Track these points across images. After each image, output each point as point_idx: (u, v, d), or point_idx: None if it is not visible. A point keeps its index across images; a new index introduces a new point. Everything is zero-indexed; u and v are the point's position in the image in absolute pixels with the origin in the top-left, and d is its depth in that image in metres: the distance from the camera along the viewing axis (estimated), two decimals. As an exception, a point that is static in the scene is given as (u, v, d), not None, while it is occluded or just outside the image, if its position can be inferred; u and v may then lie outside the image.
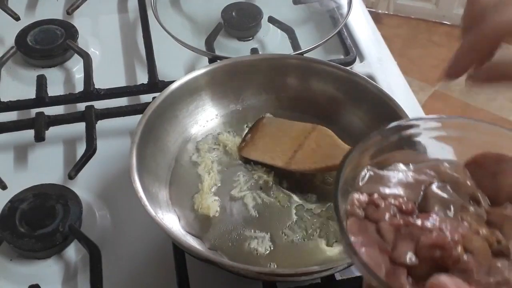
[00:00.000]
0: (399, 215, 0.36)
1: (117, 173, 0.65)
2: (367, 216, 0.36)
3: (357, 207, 0.36)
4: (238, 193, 0.62)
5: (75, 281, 0.56)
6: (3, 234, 0.57)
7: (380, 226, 0.35)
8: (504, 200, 0.38)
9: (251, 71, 0.69)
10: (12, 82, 0.77)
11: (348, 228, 0.35)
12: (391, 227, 0.35)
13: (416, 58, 2.17)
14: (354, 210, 0.36)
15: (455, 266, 0.33)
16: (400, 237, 0.34)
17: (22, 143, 0.69)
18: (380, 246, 0.34)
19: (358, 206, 0.36)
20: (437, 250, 0.33)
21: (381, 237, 0.35)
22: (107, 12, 0.89)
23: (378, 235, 0.35)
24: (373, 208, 0.36)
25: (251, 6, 0.86)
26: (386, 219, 0.35)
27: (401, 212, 0.36)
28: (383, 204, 0.36)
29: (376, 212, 0.36)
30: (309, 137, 0.63)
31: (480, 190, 0.38)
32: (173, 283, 0.54)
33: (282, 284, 0.55)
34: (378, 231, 0.35)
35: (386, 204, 0.36)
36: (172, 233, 0.52)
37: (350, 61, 0.78)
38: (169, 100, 0.64)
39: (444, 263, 0.33)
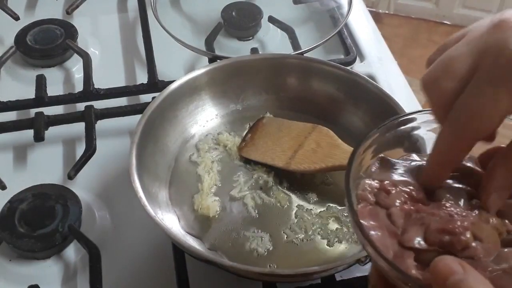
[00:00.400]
0: (410, 202, 0.36)
1: (117, 173, 0.65)
2: (378, 202, 0.36)
3: (369, 193, 0.37)
4: (238, 193, 0.62)
5: (74, 281, 0.56)
6: (2, 234, 0.57)
7: (391, 212, 0.35)
8: None
9: (251, 71, 0.69)
10: (12, 82, 0.77)
11: (360, 212, 0.35)
12: (402, 213, 0.35)
13: (417, 58, 2.16)
14: (365, 195, 0.37)
15: (463, 252, 0.33)
16: (410, 222, 0.35)
17: (22, 143, 0.69)
18: (390, 230, 0.35)
19: (369, 191, 0.37)
20: (446, 235, 0.33)
21: (391, 222, 0.35)
22: (106, 12, 0.89)
23: (389, 220, 0.35)
24: (384, 194, 0.37)
25: (251, 6, 0.86)
26: (396, 205, 0.36)
27: (412, 199, 0.37)
28: (394, 191, 0.37)
29: (387, 198, 0.36)
30: (309, 137, 0.63)
31: None
32: (173, 283, 0.54)
33: (282, 285, 0.54)
34: (389, 216, 0.35)
35: (397, 191, 0.37)
36: (172, 233, 0.52)
37: (350, 61, 0.78)
38: (169, 100, 0.64)
39: (453, 249, 0.33)
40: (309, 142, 0.63)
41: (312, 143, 0.63)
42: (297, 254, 0.57)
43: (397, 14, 2.37)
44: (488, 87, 0.33)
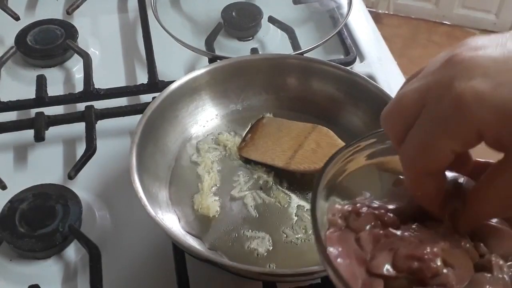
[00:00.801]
0: (380, 226, 0.35)
1: (117, 173, 0.65)
2: (348, 225, 0.35)
3: (339, 217, 0.35)
4: (238, 193, 0.62)
5: (75, 281, 0.56)
6: (3, 234, 0.57)
7: (359, 236, 0.34)
8: None
9: (251, 71, 0.69)
10: (12, 82, 0.77)
11: (328, 238, 0.34)
12: (370, 237, 0.34)
13: (416, 58, 2.16)
14: (334, 220, 0.35)
15: (434, 279, 0.32)
16: (379, 247, 0.33)
17: (22, 143, 0.69)
18: (358, 256, 0.33)
19: (340, 216, 0.36)
20: (415, 261, 0.32)
21: (360, 247, 0.34)
22: (107, 12, 0.89)
23: (357, 245, 0.34)
24: (354, 217, 0.35)
25: (251, 6, 0.86)
26: (366, 229, 0.34)
27: (383, 223, 0.35)
28: (365, 213, 0.35)
29: (356, 221, 0.35)
30: (309, 137, 0.63)
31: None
32: (173, 283, 0.54)
33: (282, 284, 0.54)
34: (357, 241, 0.34)
35: (368, 213, 0.35)
36: (172, 233, 0.52)
37: (350, 61, 0.78)
38: (169, 100, 0.64)
39: (423, 276, 0.32)
40: (309, 142, 0.63)
41: (312, 143, 0.63)
42: (297, 254, 0.57)
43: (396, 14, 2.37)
44: (431, 127, 0.32)
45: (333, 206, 0.36)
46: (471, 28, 2.29)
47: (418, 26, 2.34)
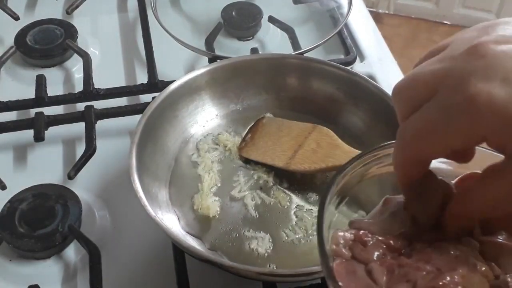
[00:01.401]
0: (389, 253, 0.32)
1: (117, 173, 0.65)
2: (355, 256, 0.32)
3: (343, 246, 0.33)
4: (238, 193, 0.62)
5: (74, 281, 0.56)
6: (2, 234, 0.57)
7: (371, 268, 0.31)
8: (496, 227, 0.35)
9: (251, 71, 0.69)
10: (12, 82, 0.77)
11: (335, 272, 0.31)
12: (383, 268, 0.31)
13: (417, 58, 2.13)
14: (339, 251, 0.32)
15: None
16: (394, 279, 0.31)
17: (22, 143, 0.69)
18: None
19: (343, 244, 0.33)
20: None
21: (373, 281, 0.31)
22: (106, 12, 0.89)
23: (369, 278, 0.31)
24: (361, 247, 0.32)
25: (251, 5, 0.86)
26: (375, 259, 0.32)
27: (391, 250, 0.33)
28: (371, 241, 0.33)
29: (364, 251, 0.32)
30: (309, 137, 0.63)
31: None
32: (173, 283, 0.54)
33: (282, 285, 0.54)
34: (369, 273, 0.31)
35: (375, 241, 0.33)
36: (172, 233, 0.52)
37: (350, 61, 0.78)
38: (169, 100, 0.64)
39: None
40: (309, 142, 0.63)
41: (312, 143, 0.63)
42: (297, 254, 0.57)
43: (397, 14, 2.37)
44: (437, 116, 0.31)
45: (336, 234, 0.33)
46: (471, 28, 2.29)
47: (418, 26, 2.34)
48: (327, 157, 0.61)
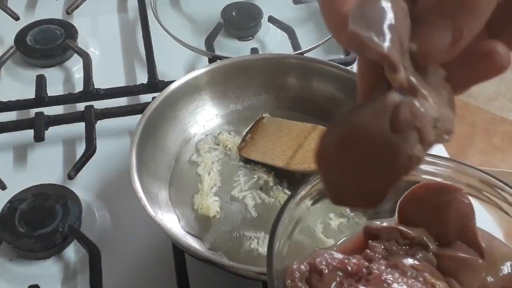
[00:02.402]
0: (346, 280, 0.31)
1: (117, 173, 0.65)
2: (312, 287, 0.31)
3: (299, 280, 0.31)
4: (238, 193, 0.62)
5: (74, 281, 0.56)
6: (2, 234, 0.57)
7: None
8: (452, 238, 0.33)
9: (251, 71, 0.69)
10: (12, 82, 0.77)
11: None
12: None
13: (416, 58, 2.16)
14: (295, 285, 0.31)
15: None
16: None
17: (22, 143, 0.69)
18: None
19: (299, 278, 0.31)
20: None
21: None
22: (106, 12, 0.89)
23: None
24: (317, 277, 0.31)
25: (251, 5, 0.86)
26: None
27: (348, 275, 0.31)
28: (327, 270, 0.31)
29: (320, 282, 0.31)
30: (309, 137, 0.63)
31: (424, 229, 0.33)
32: (173, 283, 0.54)
33: (282, 285, 0.54)
34: None
35: (331, 269, 0.31)
36: (172, 233, 0.52)
37: (350, 61, 0.78)
38: (169, 100, 0.64)
39: None
40: (309, 142, 0.63)
41: (312, 143, 0.63)
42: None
43: (397, 14, 2.37)
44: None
45: (290, 268, 0.31)
46: (471, 28, 2.29)
47: (418, 26, 2.34)
48: None
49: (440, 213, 0.33)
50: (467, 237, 0.32)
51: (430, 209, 0.33)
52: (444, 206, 0.33)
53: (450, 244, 0.32)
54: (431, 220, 0.33)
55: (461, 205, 0.33)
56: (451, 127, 0.25)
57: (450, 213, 0.33)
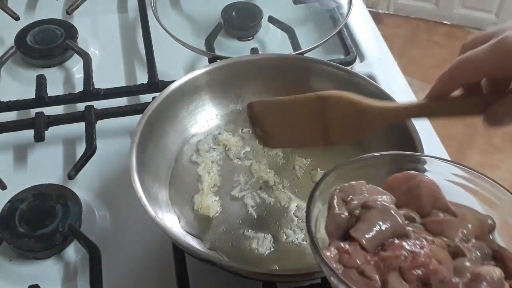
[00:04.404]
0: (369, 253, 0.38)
1: (117, 173, 0.65)
2: (345, 265, 0.38)
3: (334, 262, 0.38)
4: (238, 193, 0.62)
5: (74, 281, 0.56)
6: (2, 234, 0.57)
7: (362, 269, 0.37)
8: (429, 209, 0.41)
9: (251, 71, 0.69)
10: (12, 82, 0.77)
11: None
12: (371, 266, 0.37)
13: (416, 58, 2.16)
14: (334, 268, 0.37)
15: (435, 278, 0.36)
16: (383, 271, 0.37)
17: (22, 143, 0.69)
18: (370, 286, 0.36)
19: (333, 260, 0.38)
20: (419, 269, 0.36)
21: (368, 278, 0.37)
22: (107, 12, 0.89)
23: (364, 277, 0.37)
24: (346, 256, 0.38)
25: (251, 6, 0.86)
26: (362, 262, 0.37)
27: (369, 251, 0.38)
28: (352, 249, 0.38)
29: (350, 258, 0.38)
30: (327, 112, 0.55)
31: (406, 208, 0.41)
32: (173, 283, 0.54)
33: (282, 285, 0.54)
34: (362, 273, 0.37)
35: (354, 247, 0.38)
36: (172, 233, 0.52)
37: (350, 61, 0.78)
38: (169, 100, 0.64)
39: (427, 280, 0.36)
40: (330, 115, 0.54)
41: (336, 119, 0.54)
42: (297, 254, 0.57)
43: (396, 14, 2.37)
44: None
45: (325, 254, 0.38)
46: (471, 28, 2.29)
47: (418, 26, 2.34)
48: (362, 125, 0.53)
49: (413, 194, 0.42)
50: (440, 206, 0.41)
51: (405, 193, 0.42)
52: (414, 188, 0.42)
53: (428, 214, 0.41)
54: (408, 200, 0.41)
55: (428, 184, 0.42)
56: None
57: (421, 192, 0.42)
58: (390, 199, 0.41)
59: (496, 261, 0.39)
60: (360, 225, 0.39)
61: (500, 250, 0.40)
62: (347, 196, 0.41)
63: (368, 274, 0.37)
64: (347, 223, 0.40)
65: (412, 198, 0.42)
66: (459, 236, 0.40)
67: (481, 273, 0.36)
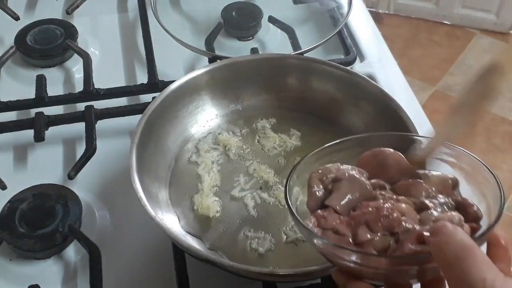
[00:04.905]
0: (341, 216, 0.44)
1: (117, 173, 0.65)
2: (322, 227, 0.44)
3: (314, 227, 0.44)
4: (238, 193, 0.62)
5: (74, 281, 0.56)
6: (2, 234, 0.57)
7: (336, 229, 0.43)
8: (397, 177, 0.47)
9: (251, 71, 0.69)
10: (12, 82, 0.77)
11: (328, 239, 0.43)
12: (344, 226, 0.43)
13: (416, 58, 2.16)
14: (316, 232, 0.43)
15: (400, 229, 0.42)
16: (354, 227, 0.43)
17: (22, 143, 0.69)
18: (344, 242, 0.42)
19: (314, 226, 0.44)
20: (382, 219, 0.42)
21: (342, 235, 0.43)
22: (107, 12, 0.89)
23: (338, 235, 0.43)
24: (323, 220, 0.44)
25: (251, 5, 0.86)
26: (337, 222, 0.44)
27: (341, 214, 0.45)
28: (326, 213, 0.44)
29: (326, 221, 0.44)
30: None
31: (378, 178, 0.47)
32: (173, 283, 0.54)
33: (282, 285, 0.54)
34: (336, 232, 0.43)
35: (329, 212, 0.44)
36: (172, 233, 0.52)
37: (350, 61, 0.78)
38: (169, 100, 0.64)
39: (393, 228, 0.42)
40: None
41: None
42: (297, 254, 0.57)
43: (397, 14, 2.37)
44: None
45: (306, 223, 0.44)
46: (471, 28, 2.29)
47: (418, 26, 2.33)
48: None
49: (382, 166, 0.47)
50: (406, 172, 0.47)
51: (375, 166, 0.47)
52: (382, 161, 0.47)
53: (398, 181, 0.47)
54: (379, 172, 0.47)
55: (393, 154, 0.48)
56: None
57: (388, 162, 0.47)
58: (359, 172, 0.47)
59: (459, 210, 0.43)
60: (333, 195, 0.45)
61: (462, 200, 0.44)
62: (323, 176, 0.47)
63: (342, 232, 0.43)
64: (324, 197, 0.46)
65: (381, 170, 0.47)
66: (424, 194, 0.45)
67: (441, 219, 0.41)
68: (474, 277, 0.34)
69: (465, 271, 0.35)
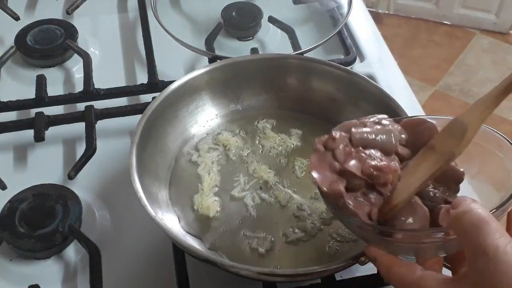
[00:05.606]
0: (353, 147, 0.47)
1: (117, 173, 0.65)
2: (326, 147, 0.47)
3: (319, 144, 0.47)
4: (238, 193, 0.62)
5: (75, 281, 0.56)
6: (3, 234, 0.57)
7: (335, 152, 0.46)
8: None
9: (251, 71, 0.69)
10: (12, 82, 0.77)
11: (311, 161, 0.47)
12: (343, 152, 0.46)
13: (416, 58, 2.16)
14: (316, 147, 0.48)
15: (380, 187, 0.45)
16: (350, 157, 0.46)
17: (22, 143, 0.69)
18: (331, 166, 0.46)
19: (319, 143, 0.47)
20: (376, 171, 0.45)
21: (335, 159, 0.46)
22: (107, 12, 0.89)
23: (333, 159, 0.46)
24: (331, 141, 0.47)
25: (251, 6, 0.86)
26: (340, 148, 0.47)
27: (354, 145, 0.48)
28: (338, 136, 0.47)
29: (333, 143, 0.47)
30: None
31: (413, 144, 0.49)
32: (173, 283, 0.54)
33: (282, 284, 0.54)
34: (334, 156, 0.46)
35: (341, 136, 0.47)
36: (172, 233, 0.52)
37: (350, 61, 0.78)
38: (169, 100, 0.64)
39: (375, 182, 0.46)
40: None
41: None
42: (297, 254, 0.57)
43: (397, 14, 2.37)
44: None
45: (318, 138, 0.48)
46: (471, 28, 2.29)
47: (418, 26, 2.34)
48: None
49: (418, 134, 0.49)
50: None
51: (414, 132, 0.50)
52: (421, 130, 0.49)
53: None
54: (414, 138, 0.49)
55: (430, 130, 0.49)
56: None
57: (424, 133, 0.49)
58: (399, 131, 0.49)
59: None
60: (362, 128, 0.48)
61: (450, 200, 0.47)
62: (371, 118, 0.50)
63: (337, 156, 0.46)
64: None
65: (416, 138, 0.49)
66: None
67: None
68: (487, 243, 0.37)
69: (480, 238, 0.38)
